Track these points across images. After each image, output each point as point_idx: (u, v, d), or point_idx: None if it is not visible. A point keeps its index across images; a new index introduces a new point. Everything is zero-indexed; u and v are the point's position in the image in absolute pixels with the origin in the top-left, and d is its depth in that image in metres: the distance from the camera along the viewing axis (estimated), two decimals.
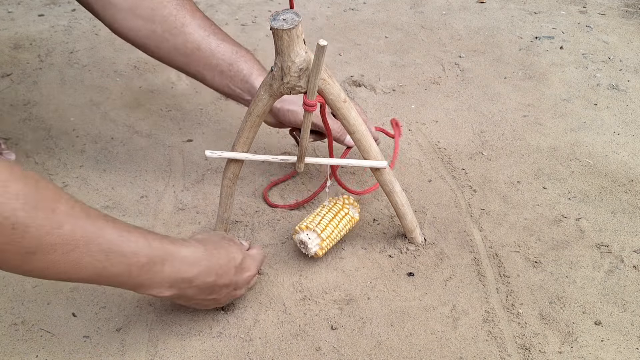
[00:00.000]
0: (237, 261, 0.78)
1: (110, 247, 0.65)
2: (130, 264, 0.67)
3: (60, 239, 0.61)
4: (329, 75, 0.76)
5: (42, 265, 0.61)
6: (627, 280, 0.89)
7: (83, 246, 0.63)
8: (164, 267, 0.70)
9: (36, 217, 0.59)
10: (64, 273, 0.63)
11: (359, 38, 1.56)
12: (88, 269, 0.64)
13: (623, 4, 1.73)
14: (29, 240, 0.59)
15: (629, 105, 1.29)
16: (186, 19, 0.90)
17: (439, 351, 0.79)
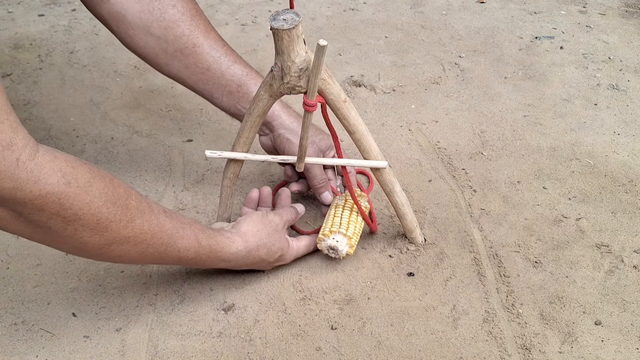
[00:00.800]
0: (274, 257, 0.87)
1: (168, 242, 0.74)
2: (181, 257, 0.76)
3: (132, 232, 0.69)
4: (329, 75, 0.76)
5: (116, 254, 0.70)
6: (627, 280, 0.89)
7: (149, 239, 0.72)
8: (207, 261, 0.80)
9: (115, 213, 0.67)
10: (130, 260, 0.73)
11: (359, 38, 1.56)
12: (149, 258, 0.74)
13: (623, 4, 1.73)
14: (109, 233, 0.67)
15: (629, 105, 1.29)
16: (199, 39, 0.91)
17: (439, 351, 0.79)
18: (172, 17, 0.90)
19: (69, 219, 0.63)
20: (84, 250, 0.68)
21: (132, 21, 0.89)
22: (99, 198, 0.65)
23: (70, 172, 0.63)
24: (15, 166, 0.58)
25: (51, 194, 0.61)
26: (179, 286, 0.89)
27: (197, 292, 0.88)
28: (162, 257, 0.75)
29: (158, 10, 0.89)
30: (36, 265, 0.92)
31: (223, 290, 0.88)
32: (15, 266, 0.92)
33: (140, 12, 0.89)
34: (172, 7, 0.90)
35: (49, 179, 0.60)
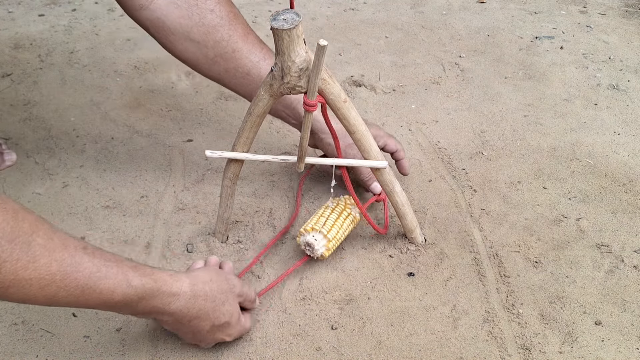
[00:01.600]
0: (220, 321, 0.75)
1: (86, 283, 0.63)
2: (105, 301, 0.65)
3: (35, 273, 0.60)
4: (329, 75, 0.76)
5: (18, 298, 0.61)
6: (628, 280, 0.89)
7: (59, 281, 0.62)
8: (139, 305, 0.68)
9: (12, 251, 0.58)
10: (39, 303, 0.63)
11: (359, 38, 1.56)
12: (63, 302, 0.63)
13: (623, 4, 1.73)
14: (4, 274, 0.58)
15: (629, 105, 1.29)
16: (238, 44, 0.90)
17: (439, 351, 0.79)
18: (211, 22, 0.89)
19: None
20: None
21: (172, 27, 0.89)
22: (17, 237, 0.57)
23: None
24: None
25: None
26: None
27: None
28: (78, 301, 0.64)
29: (197, 15, 0.89)
30: None
31: None
32: None
33: (179, 18, 0.88)
34: (211, 12, 0.89)
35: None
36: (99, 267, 0.64)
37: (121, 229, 0.98)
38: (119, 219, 0.99)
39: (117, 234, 0.97)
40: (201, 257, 0.93)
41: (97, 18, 1.63)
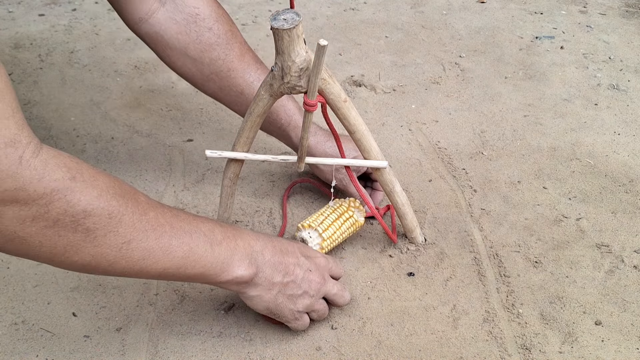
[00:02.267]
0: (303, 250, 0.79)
1: (191, 228, 0.68)
2: (210, 241, 0.69)
3: (149, 224, 0.64)
4: (329, 75, 0.76)
5: (139, 255, 0.63)
6: (628, 280, 0.89)
7: (169, 230, 0.65)
8: (238, 241, 0.72)
9: (127, 206, 0.62)
10: (157, 262, 0.65)
11: (359, 38, 1.56)
12: (177, 254, 0.66)
13: (623, 3, 1.73)
14: (124, 228, 0.61)
15: (630, 105, 1.29)
16: (233, 63, 0.92)
17: (439, 351, 0.79)
18: (208, 40, 0.90)
19: (78, 217, 0.58)
20: (103, 256, 0.61)
21: (170, 42, 0.90)
22: (106, 191, 0.61)
23: (75, 166, 0.59)
24: (18, 164, 0.54)
25: (56, 190, 0.57)
26: (179, 286, 0.89)
27: (198, 291, 0.88)
28: (191, 248, 0.67)
29: (195, 32, 0.89)
30: (36, 264, 0.92)
31: (223, 290, 0.88)
32: (16, 266, 0.92)
33: (177, 34, 0.89)
34: (209, 30, 0.90)
35: (54, 175, 0.57)
36: (190, 215, 0.70)
37: None
38: None
39: None
40: None
41: (97, 18, 1.63)
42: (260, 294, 0.74)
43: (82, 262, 0.61)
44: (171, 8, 0.89)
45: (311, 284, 0.77)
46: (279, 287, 0.75)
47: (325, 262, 0.79)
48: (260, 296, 0.74)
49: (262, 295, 0.74)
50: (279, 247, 0.75)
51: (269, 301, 0.75)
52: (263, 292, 0.74)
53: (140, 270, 0.65)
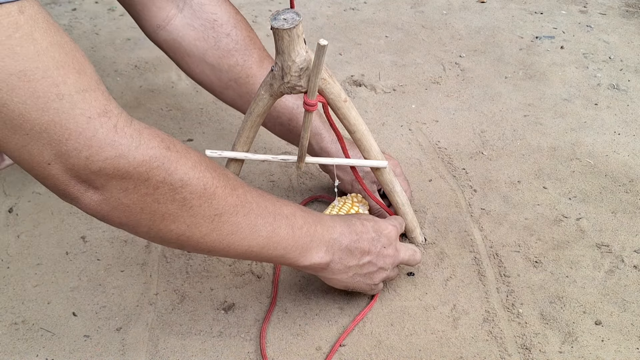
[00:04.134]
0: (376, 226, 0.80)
1: (275, 210, 0.69)
2: (291, 225, 0.71)
3: (239, 200, 0.65)
4: (329, 75, 0.76)
5: (228, 229, 0.65)
6: (628, 280, 0.89)
7: (256, 208, 0.67)
8: (317, 227, 0.74)
9: (219, 180, 0.64)
10: (244, 238, 0.66)
11: (359, 38, 1.56)
12: (262, 233, 0.68)
13: (624, 3, 1.73)
14: (217, 200, 0.63)
15: (630, 105, 1.29)
16: (252, 69, 0.91)
17: (439, 351, 0.79)
18: (227, 47, 0.89)
19: (176, 185, 0.59)
20: (197, 226, 0.63)
21: (188, 48, 0.89)
22: (199, 163, 0.62)
23: (167, 138, 0.61)
24: (114, 132, 0.55)
25: (155, 158, 0.58)
26: (179, 285, 0.89)
27: (198, 291, 0.88)
28: (274, 229, 0.69)
29: (212, 38, 0.89)
30: (36, 264, 0.92)
31: (223, 290, 0.88)
32: (16, 265, 0.92)
33: (195, 40, 0.89)
34: (227, 36, 0.89)
35: (150, 143, 0.58)
36: (273, 197, 0.72)
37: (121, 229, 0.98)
38: None
39: (117, 233, 0.97)
40: (201, 257, 0.93)
41: (97, 17, 1.63)
42: (336, 277, 0.78)
43: (178, 231, 0.62)
44: (189, 14, 0.88)
45: (386, 259, 0.80)
46: (355, 269, 0.78)
47: (395, 231, 0.82)
48: (337, 278, 0.78)
49: (339, 277, 0.78)
50: (354, 230, 0.77)
51: (346, 281, 0.79)
52: (339, 275, 0.77)
53: (228, 246, 0.66)
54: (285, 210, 0.71)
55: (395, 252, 0.81)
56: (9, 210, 1.02)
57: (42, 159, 0.54)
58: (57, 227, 0.98)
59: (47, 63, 0.51)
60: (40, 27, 0.51)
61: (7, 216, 1.01)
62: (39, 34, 0.51)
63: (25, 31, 0.50)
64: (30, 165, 0.55)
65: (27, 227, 0.98)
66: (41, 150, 0.53)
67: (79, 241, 0.96)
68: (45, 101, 0.51)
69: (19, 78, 0.50)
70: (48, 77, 0.51)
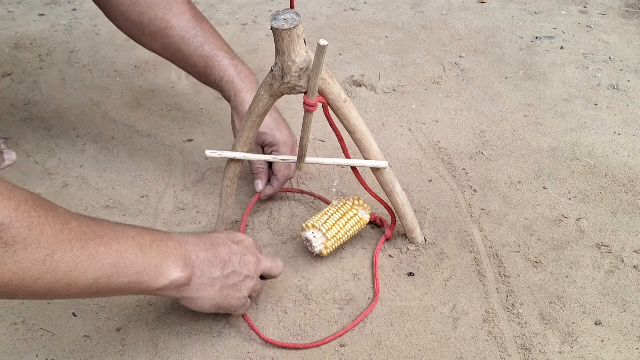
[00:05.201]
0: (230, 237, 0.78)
1: (116, 235, 0.64)
2: (139, 245, 0.66)
3: (72, 234, 0.60)
4: (329, 75, 0.76)
5: (65, 267, 0.59)
6: (628, 280, 0.89)
7: (94, 237, 0.62)
8: (168, 242, 0.70)
9: (47, 216, 0.58)
10: (85, 272, 0.61)
11: (359, 38, 1.56)
12: (106, 260, 0.62)
13: (623, 3, 1.73)
14: (46, 239, 0.57)
15: (629, 105, 1.29)
16: (171, 21, 0.97)
17: (439, 351, 0.79)
18: (147, 1, 0.96)
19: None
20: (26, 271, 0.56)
21: (114, 3, 0.97)
22: (24, 202, 0.57)
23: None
24: None
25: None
26: None
27: None
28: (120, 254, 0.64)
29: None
30: None
31: None
32: None
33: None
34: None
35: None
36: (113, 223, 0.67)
37: None
38: (119, 219, 0.99)
39: None
40: None
41: (97, 17, 1.63)
42: (203, 294, 0.72)
43: (5, 281, 0.56)
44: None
45: (249, 265, 0.77)
46: (220, 280, 0.73)
47: (252, 241, 0.80)
48: (204, 296, 0.72)
49: (206, 294, 0.72)
50: (209, 241, 0.74)
51: (214, 297, 0.73)
52: (205, 290, 0.72)
53: (68, 284, 0.60)
54: (130, 232, 0.67)
55: (256, 259, 0.78)
56: None
57: None
58: None
59: None
60: None
61: None
62: None
63: None
64: None
65: None
66: None
67: None
68: None
69: None
70: None
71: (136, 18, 0.96)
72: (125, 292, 0.67)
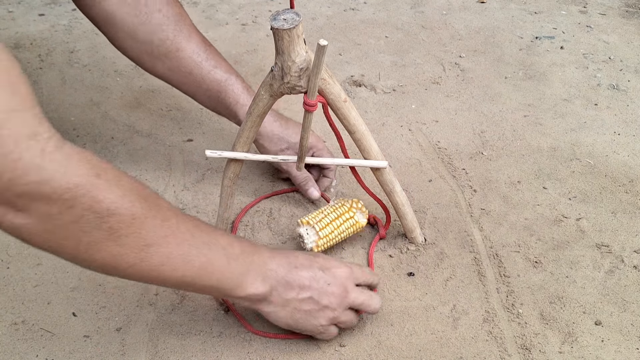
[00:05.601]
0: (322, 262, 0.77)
1: (210, 240, 0.68)
2: (227, 255, 0.69)
3: (170, 231, 0.63)
4: (329, 75, 0.76)
5: (158, 260, 0.63)
6: (628, 280, 0.89)
7: (190, 239, 0.65)
8: (254, 257, 0.72)
9: (150, 210, 0.62)
10: (175, 269, 0.65)
11: (359, 38, 1.56)
12: (195, 263, 0.66)
13: (623, 4, 1.73)
14: (146, 231, 0.61)
15: (630, 105, 1.29)
16: (182, 44, 0.95)
17: (439, 351, 0.79)
18: (158, 21, 0.93)
19: (102, 214, 0.58)
20: (123, 257, 0.61)
21: (120, 23, 0.93)
22: (130, 192, 0.60)
23: (98, 164, 0.59)
24: (41, 157, 0.53)
25: (81, 185, 0.56)
26: None
27: None
28: (208, 259, 0.67)
29: (145, 14, 0.93)
30: (36, 264, 0.92)
31: None
32: (16, 266, 0.92)
33: (127, 15, 0.92)
34: (158, 11, 0.93)
35: (78, 170, 0.56)
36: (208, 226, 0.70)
37: None
38: None
39: None
40: None
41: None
42: (275, 310, 0.74)
43: (103, 260, 0.61)
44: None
45: (331, 297, 0.75)
46: (294, 303, 0.74)
47: (347, 272, 0.77)
48: (275, 312, 0.74)
49: (277, 312, 0.74)
50: (294, 263, 0.74)
51: (286, 317, 0.75)
52: (278, 308, 0.74)
53: (158, 276, 0.64)
54: (222, 241, 0.70)
55: (343, 292, 0.75)
56: None
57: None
58: None
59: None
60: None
61: None
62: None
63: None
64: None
65: None
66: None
67: None
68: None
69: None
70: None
71: (146, 38, 0.94)
72: (205, 293, 0.73)
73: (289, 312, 0.74)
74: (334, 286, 0.75)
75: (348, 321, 0.78)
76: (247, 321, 0.82)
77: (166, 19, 0.93)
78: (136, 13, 0.92)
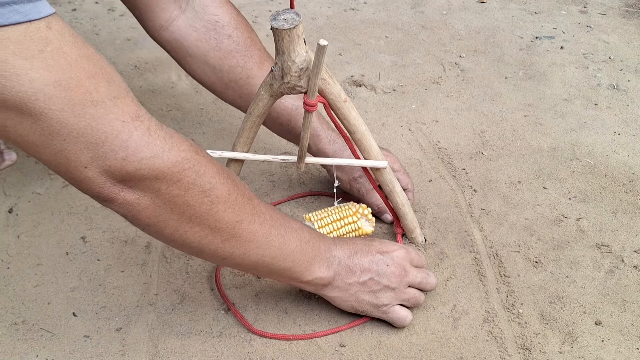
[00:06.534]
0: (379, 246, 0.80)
1: (285, 222, 0.72)
2: (299, 238, 0.72)
3: (255, 210, 0.68)
4: (329, 75, 0.76)
5: (246, 237, 0.67)
6: (628, 280, 0.89)
7: (269, 219, 0.69)
8: (320, 243, 0.76)
9: (237, 187, 0.66)
10: (258, 247, 0.68)
11: (359, 38, 1.56)
12: (275, 243, 0.70)
13: (624, 4, 1.73)
14: (239, 207, 0.65)
15: (630, 105, 1.29)
16: (252, 70, 0.92)
17: (439, 351, 0.79)
18: (228, 48, 0.91)
19: (205, 188, 0.62)
20: (219, 231, 0.65)
21: (190, 49, 0.91)
22: (222, 170, 0.65)
23: (193, 143, 0.63)
24: (149, 135, 0.58)
25: (186, 159, 0.60)
26: (179, 286, 0.89)
27: (198, 291, 0.88)
28: (285, 241, 0.71)
29: (214, 40, 0.90)
30: (36, 264, 0.92)
31: None
32: (16, 266, 0.92)
33: (197, 41, 0.90)
34: (228, 37, 0.91)
35: (181, 146, 0.61)
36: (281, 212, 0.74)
37: (121, 229, 0.98)
38: (119, 219, 0.99)
39: (117, 233, 0.97)
40: None
41: (97, 18, 1.63)
42: (339, 295, 0.78)
43: (202, 234, 0.64)
44: (191, 15, 0.90)
45: (390, 277, 0.78)
46: (356, 286, 0.78)
47: (404, 254, 0.81)
48: (339, 297, 0.79)
49: (341, 296, 0.78)
50: (354, 249, 0.78)
51: (350, 300, 0.79)
52: (341, 293, 0.78)
53: (243, 253, 0.68)
54: (294, 225, 0.73)
55: (401, 272, 0.79)
56: (9, 211, 1.02)
57: (78, 163, 0.56)
58: (57, 228, 0.98)
59: (79, 73, 0.54)
60: (67, 41, 0.53)
61: (7, 216, 1.01)
62: (68, 47, 0.53)
63: (55, 45, 0.52)
64: (67, 169, 0.57)
65: (27, 228, 0.98)
66: (78, 155, 0.55)
67: (79, 241, 0.96)
68: (81, 108, 0.54)
69: (55, 87, 0.52)
70: (81, 86, 0.53)
71: (216, 65, 0.92)
72: (276, 275, 0.75)
73: (352, 295, 0.78)
74: (392, 267, 0.79)
75: (412, 298, 0.81)
76: (247, 321, 0.82)
77: (236, 44, 0.91)
78: (206, 38, 0.90)
